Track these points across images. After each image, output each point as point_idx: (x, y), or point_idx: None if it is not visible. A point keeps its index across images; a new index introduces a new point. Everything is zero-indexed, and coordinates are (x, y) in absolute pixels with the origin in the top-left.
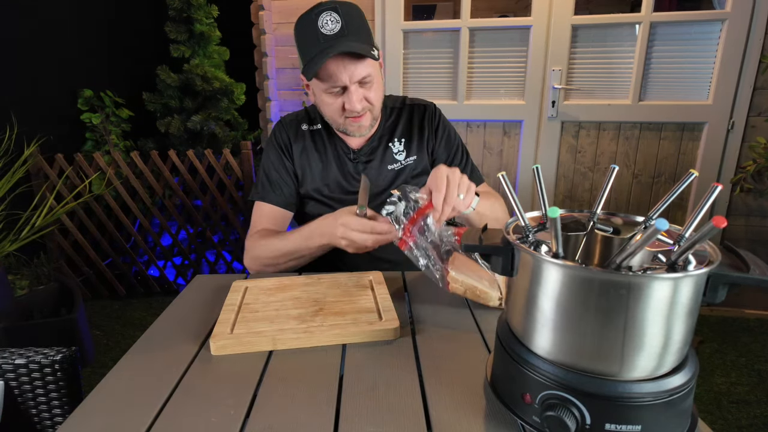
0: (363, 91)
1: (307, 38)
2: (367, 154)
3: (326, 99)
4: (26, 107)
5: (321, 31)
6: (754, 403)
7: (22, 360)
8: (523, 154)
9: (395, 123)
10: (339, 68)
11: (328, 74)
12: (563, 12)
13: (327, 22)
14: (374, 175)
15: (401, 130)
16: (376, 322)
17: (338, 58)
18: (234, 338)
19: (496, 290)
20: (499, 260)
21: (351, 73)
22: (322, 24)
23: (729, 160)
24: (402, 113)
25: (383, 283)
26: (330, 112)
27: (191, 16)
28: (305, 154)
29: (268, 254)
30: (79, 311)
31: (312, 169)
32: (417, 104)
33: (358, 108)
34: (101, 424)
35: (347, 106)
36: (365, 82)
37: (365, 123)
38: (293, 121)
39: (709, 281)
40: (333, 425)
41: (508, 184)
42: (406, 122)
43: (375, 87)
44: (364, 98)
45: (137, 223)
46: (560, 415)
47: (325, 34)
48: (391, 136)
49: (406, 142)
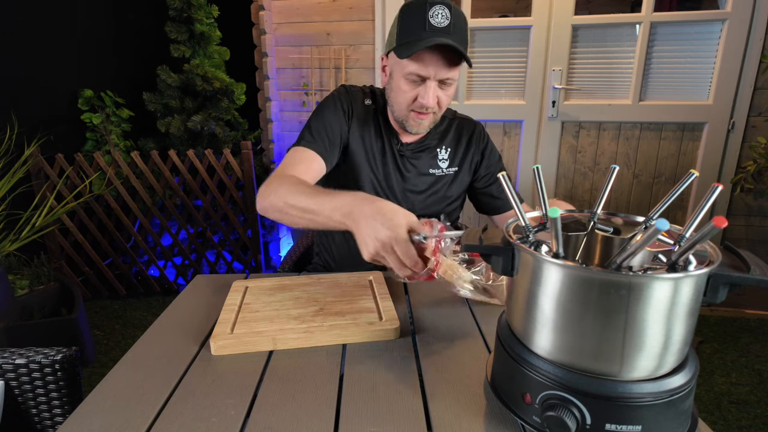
0: (440, 91)
1: (413, 21)
2: (414, 151)
3: (402, 85)
4: (27, 107)
5: (430, 20)
6: (755, 404)
7: (23, 360)
8: (523, 154)
9: (446, 132)
10: (432, 60)
11: (421, 61)
12: (563, 12)
13: (438, 15)
14: (414, 175)
15: (450, 140)
16: (376, 322)
17: (437, 50)
18: (234, 338)
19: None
20: (500, 260)
21: (439, 69)
22: (432, 14)
23: (729, 160)
24: (452, 124)
25: (383, 283)
26: (401, 99)
27: (192, 16)
28: (362, 127)
29: (285, 198)
30: (80, 311)
31: (365, 140)
32: (467, 120)
33: (431, 104)
34: (101, 424)
35: (420, 99)
36: (446, 84)
37: (426, 123)
38: (358, 92)
39: (710, 281)
40: (333, 425)
41: (508, 185)
42: (455, 134)
43: (450, 92)
44: (437, 97)
45: (137, 223)
46: (560, 415)
47: (433, 25)
48: (440, 142)
49: (451, 153)
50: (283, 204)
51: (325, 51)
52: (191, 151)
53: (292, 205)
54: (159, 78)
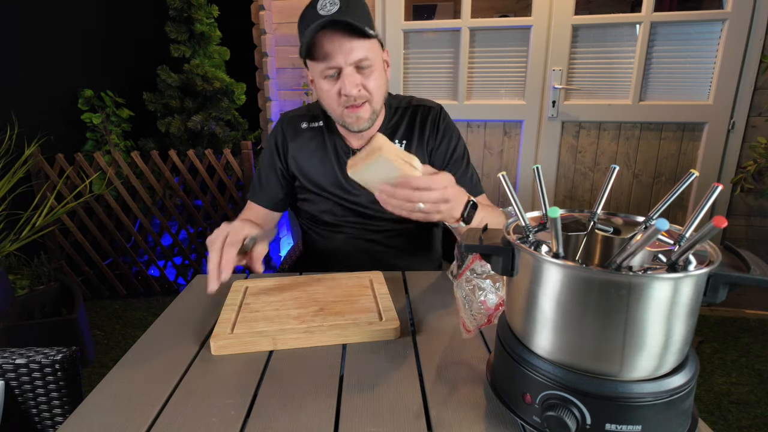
0: (360, 77)
1: (306, 19)
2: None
3: (323, 85)
4: (27, 107)
5: (319, 12)
6: (755, 404)
7: (23, 360)
8: (523, 154)
9: (398, 124)
10: (334, 46)
11: (323, 53)
12: (564, 12)
13: (326, 4)
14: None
15: (403, 131)
16: (376, 322)
17: (333, 35)
18: (234, 338)
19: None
20: (500, 260)
21: (347, 53)
22: (321, 6)
23: (729, 160)
24: (406, 114)
25: (383, 283)
26: (328, 100)
27: (192, 16)
28: (304, 152)
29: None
30: (80, 311)
31: (311, 167)
32: (423, 105)
33: (354, 92)
34: (101, 424)
35: (343, 91)
36: (363, 67)
37: (364, 114)
38: (293, 118)
39: (710, 281)
40: (333, 425)
41: (508, 184)
42: (408, 123)
43: (375, 76)
44: (361, 84)
45: (138, 223)
46: (560, 415)
47: (322, 15)
48: (392, 136)
49: (407, 145)
50: None
51: None
52: (191, 151)
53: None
54: (159, 78)
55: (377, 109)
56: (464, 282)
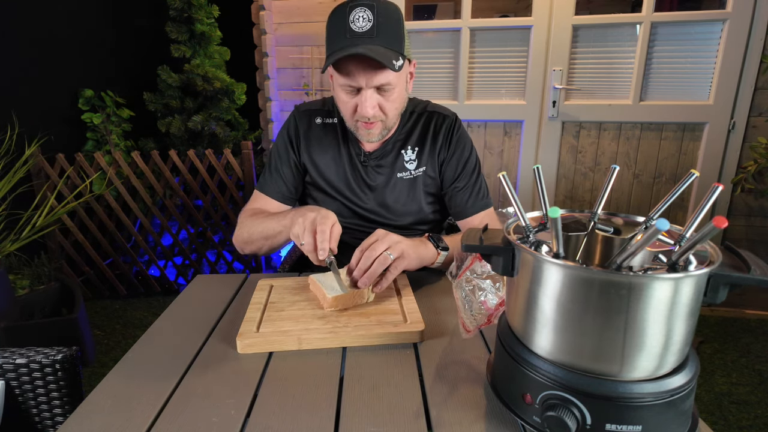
0: (379, 98)
1: (335, 30)
2: (378, 158)
3: (341, 96)
4: (27, 107)
5: (350, 25)
6: (755, 404)
7: (23, 360)
8: (523, 154)
9: (411, 129)
10: (358, 69)
11: (347, 71)
12: (564, 12)
13: (359, 18)
14: (383, 184)
15: (416, 138)
16: (400, 324)
17: (359, 58)
18: (260, 337)
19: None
20: (500, 260)
21: (369, 76)
22: (353, 18)
23: (730, 161)
24: (420, 119)
25: (408, 285)
26: (344, 109)
27: (192, 16)
28: (317, 148)
29: (248, 234)
30: (80, 311)
31: (323, 163)
32: (438, 113)
33: (370, 114)
34: (101, 424)
35: (359, 110)
36: (384, 90)
37: (374, 132)
38: (307, 112)
39: (710, 281)
40: (333, 425)
41: (508, 184)
42: (422, 130)
43: (394, 97)
44: (378, 106)
45: (138, 223)
46: (561, 415)
47: (354, 31)
48: (405, 143)
49: (418, 152)
50: (248, 235)
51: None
52: (192, 151)
53: (253, 232)
54: (159, 78)
55: (390, 126)
56: (464, 282)
